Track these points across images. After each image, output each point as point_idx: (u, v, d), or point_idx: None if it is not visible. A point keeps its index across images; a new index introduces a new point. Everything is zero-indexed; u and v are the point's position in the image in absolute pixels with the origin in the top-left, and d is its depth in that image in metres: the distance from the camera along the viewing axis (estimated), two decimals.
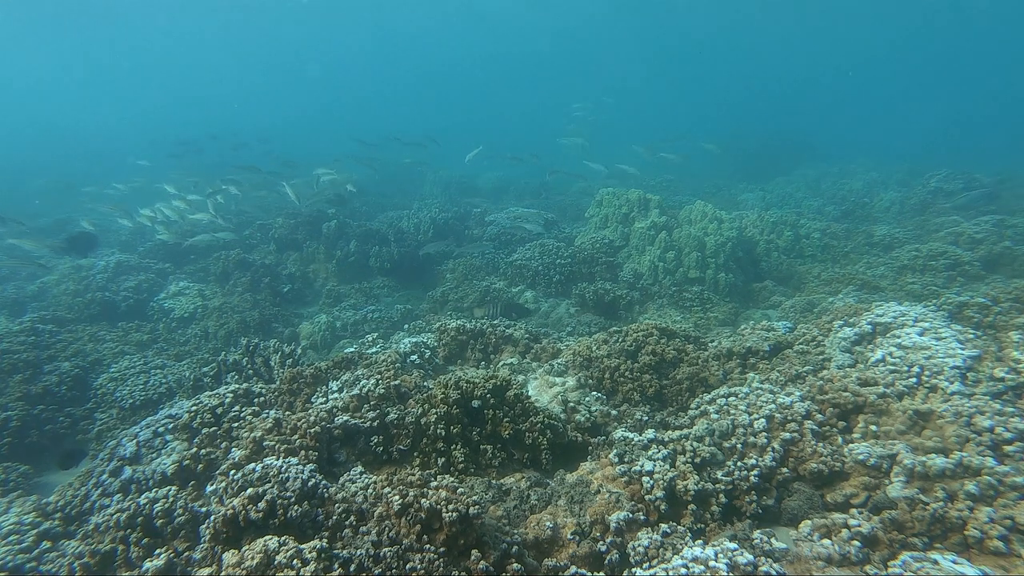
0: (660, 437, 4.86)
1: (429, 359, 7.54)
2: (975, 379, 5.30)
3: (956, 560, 3.42)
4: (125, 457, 5.79)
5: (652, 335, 7.00)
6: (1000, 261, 10.92)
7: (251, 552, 3.31)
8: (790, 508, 4.51)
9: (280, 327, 11.18)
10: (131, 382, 8.46)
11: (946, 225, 13.06)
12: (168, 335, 11.01)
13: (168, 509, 4.52)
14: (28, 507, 5.69)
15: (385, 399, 5.51)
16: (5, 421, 7.28)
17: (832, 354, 6.44)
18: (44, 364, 8.95)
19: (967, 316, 6.91)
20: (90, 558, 4.37)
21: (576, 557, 3.94)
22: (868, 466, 4.50)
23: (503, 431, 5.09)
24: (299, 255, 14.27)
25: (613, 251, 12.73)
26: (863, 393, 5.18)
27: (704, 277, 11.41)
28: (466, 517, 3.53)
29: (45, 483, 6.70)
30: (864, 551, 3.77)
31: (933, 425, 4.71)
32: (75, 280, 12.32)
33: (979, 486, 3.90)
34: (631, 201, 13.40)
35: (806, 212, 16.65)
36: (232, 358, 7.84)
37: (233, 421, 5.86)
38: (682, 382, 6.34)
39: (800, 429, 4.90)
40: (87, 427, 7.79)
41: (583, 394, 6.20)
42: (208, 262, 13.44)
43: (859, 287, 10.48)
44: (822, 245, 13.26)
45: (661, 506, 4.25)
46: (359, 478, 4.45)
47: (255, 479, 4.15)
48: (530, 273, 12.16)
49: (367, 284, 12.99)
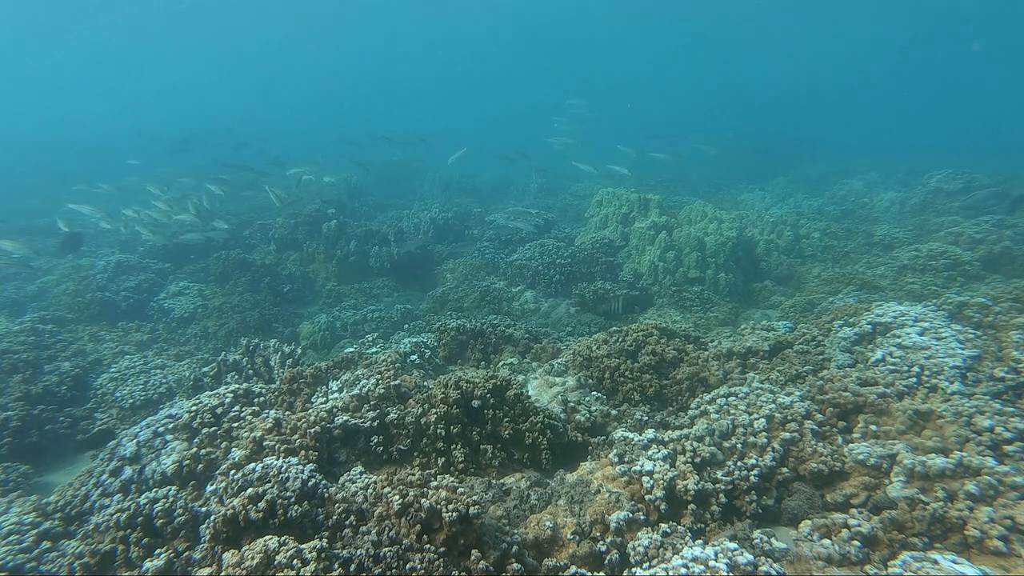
0: (660, 437, 4.86)
1: (429, 359, 7.55)
2: (975, 379, 5.30)
3: (956, 560, 3.42)
4: (125, 457, 5.79)
5: (652, 335, 7.00)
6: (1000, 261, 10.93)
7: (251, 552, 3.31)
8: (790, 508, 4.51)
9: (280, 327, 11.18)
10: (131, 382, 8.46)
11: (946, 225, 13.07)
12: (168, 335, 11.01)
13: (168, 509, 4.51)
14: (28, 507, 5.69)
15: (385, 399, 5.51)
16: (5, 421, 7.28)
17: (832, 354, 6.44)
18: (44, 364, 8.96)
19: (967, 316, 6.91)
20: (90, 558, 4.37)
21: (576, 557, 3.94)
22: (868, 466, 4.50)
23: (503, 431, 5.09)
24: (299, 255, 14.27)
25: (613, 251, 12.73)
26: (863, 393, 5.18)
27: (704, 277, 11.41)
28: (466, 517, 3.53)
29: (45, 483, 6.70)
30: (864, 551, 3.78)
31: (933, 425, 4.71)
32: (75, 280, 12.33)
33: (979, 486, 3.90)
34: (631, 201, 13.41)
35: (806, 212, 16.64)
36: (232, 358, 7.84)
37: (233, 421, 5.86)
38: (682, 382, 6.35)
39: (800, 429, 4.90)
40: (87, 427, 7.79)
41: (583, 394, 6.20)
42: (208, 262, 13.44)
43: (859, 287, 10.48)
44: (822, 245, 13.26)
45: (661, 506, 4.25)
46: (359, 478, 4.45)
47: (255, 479, 4.15)
48: (530, 273, 12.17)
49: (367, 284, 13.00)
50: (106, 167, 24.48)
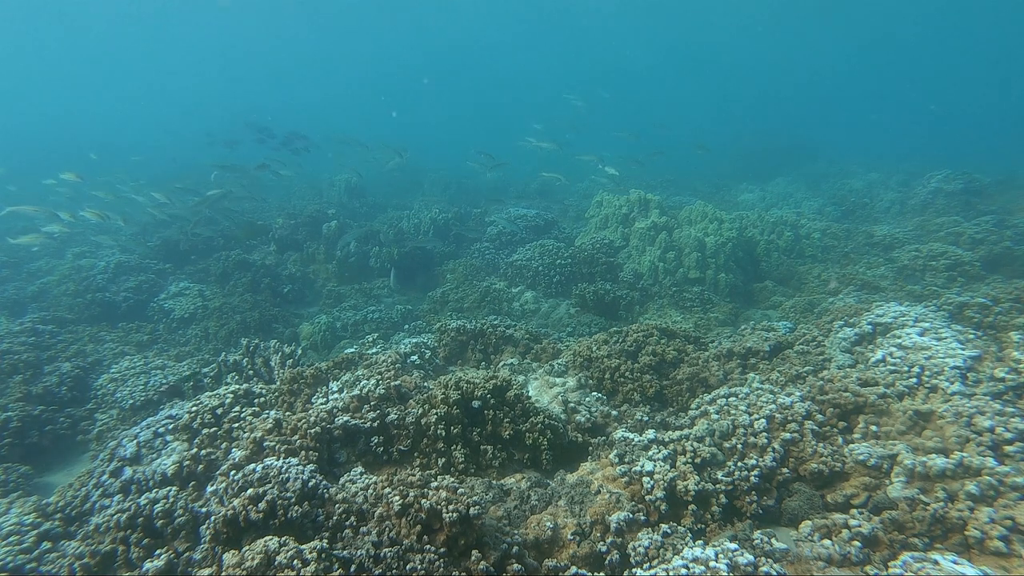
0: (660, 437, 4.86)
1: (429, 359, 7.54)
2: (975, 379, 5.30)
3: (956, 560, 3.42)
4: (125, 458, 5.79)
5: (652, 335, 7.00)
6: (1000, 261, 10.93)
7: (251, 552, 3.31)
8: (790, 508, 4.51)
9: (280, 327, 11.18)
10: (131, 383, 8.46)
11: (946, 225, 13.07)
12: (168, 335, 11.00)
13: (168, 510, 4.52)
14: (28, 507, 5.69)
15: (385, 399, 5.51)
16: (6, 422, 7.28)
17: (832, 354, 6.44)
18: (44, 365, 8.96)
19: (967, 316, 6.91)
20: (90, 558, 4.37)
21: (576, 557, 3.94)
22: (868, 466, 4.50)
23: (503, 431, 5.09)
24: (299, 255, 14.27)
25: (613, 251, 12.72)
26: (863, 393, 5.17)
27: (704, 277, 11.40)
28: (466, 517, 3.53)
29: (45, 484, 6.70)
30: (864, 551, 3.77)
31: (934, 425, 4.71)
32: (75, 281, 12.33)
33: (980, 486, 3.90)
34: (631, 201, 13.40)
35: (806, 212, 16.65)
36: (232, 358, 7.84)
37: (233, 422, 5.86)
38: (682, 382, 6.34)
39: (800, 429, 4.90)
40: (87, 427, 7.79)
41: (583, 394, 6.20)
42: (208, 262, 13.44)
43: (859, 287, 10.48)
44: (822, 245, 13.26)
45: (661, 506, 4.25)
46: (359, 478, 4.45)
47: (255, 480, 4.15)
48: (530, 273, 12.17)
49: (367, 284, 12.99)
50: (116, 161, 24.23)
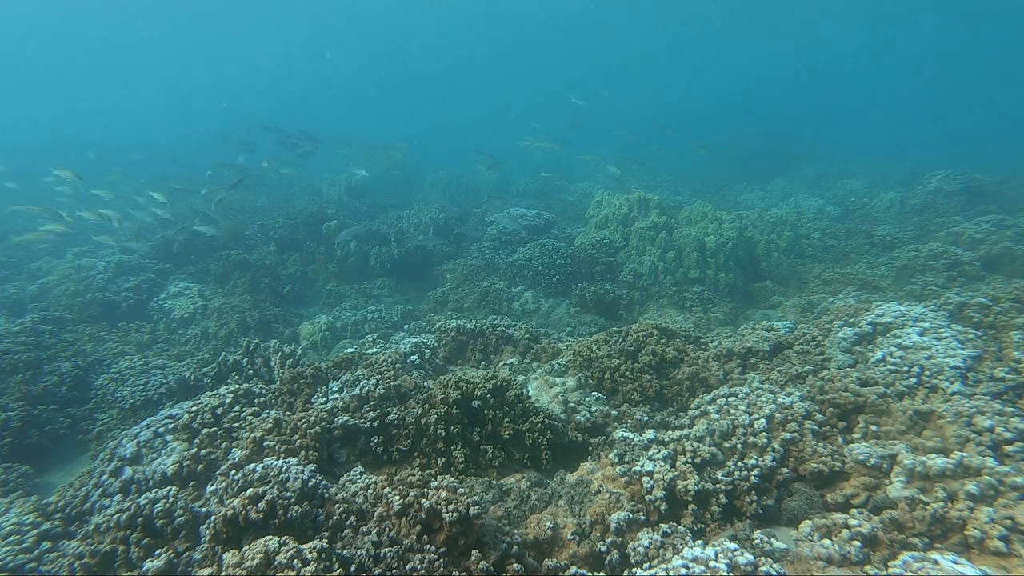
0: (660, 437, 4.86)
1: (429, 359, 7.54)
2: (975, 379, 5.30)
3: (956, 560, 3.42)
4: (125, 457, 5.78)
5: (652, 335, 7.00)
6: (1000, 261, 10.92)
7: (251, 552, 3.31)
8: (790, 508, 4.50)
9: (280, 327, 11.18)
10: (131, 382, 8.46)
11: (946, 225, 13.07)
12: (168, 335, 11.00)
13: (168, 509, 4.51)
14: (28, 507, 5.69)
15: (385, 399, 5.51)
16: (5, 421, 7.28)
17: (832, 354, 6.44)
18: (44, 364, 8.95)
19: (967, 316, 6.91)
20: (90, 558, 4.37)
21: (576, 557, 3.94)
22: (868, 466, 4.50)
23: (503, 431, 5.09)
24: (299, 255, 14.26)
25: (613, 251, 12.72)
26: (863, 393, 5.17)
27: (704, 277, 11.40)
28: (466, 517, 3.53)
29: (45, 483, 6.70)
30: (864, 551, 3.77)
31: (933, 425, 4.71)
32: (75, 280, 12.33)
33: (979, 486, 3.90)
34: (631, 201, 13.40)
35: (806, 212, 16.65)
36: (232, 358, 7.84)
37: (233, 421, 5.86)
38: (682, 382, 6.34)
39: (800, 429, 4.90)
40: (87, 427, 7.79)
41: (583, 394, 6.20)
42: (208, 262, 13.44)
43: (859, 287, 10.48)
44: (822, 245, 13.26)
45: (661, 506, 4.25)
46: (359, 478, 4.45)
47: (255, 479, 4.15)
48: (530, 273, 12.16)
49: (367, 284, 12.99)
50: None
